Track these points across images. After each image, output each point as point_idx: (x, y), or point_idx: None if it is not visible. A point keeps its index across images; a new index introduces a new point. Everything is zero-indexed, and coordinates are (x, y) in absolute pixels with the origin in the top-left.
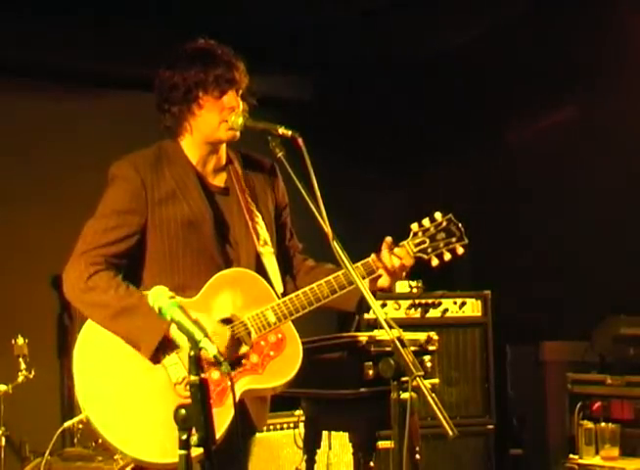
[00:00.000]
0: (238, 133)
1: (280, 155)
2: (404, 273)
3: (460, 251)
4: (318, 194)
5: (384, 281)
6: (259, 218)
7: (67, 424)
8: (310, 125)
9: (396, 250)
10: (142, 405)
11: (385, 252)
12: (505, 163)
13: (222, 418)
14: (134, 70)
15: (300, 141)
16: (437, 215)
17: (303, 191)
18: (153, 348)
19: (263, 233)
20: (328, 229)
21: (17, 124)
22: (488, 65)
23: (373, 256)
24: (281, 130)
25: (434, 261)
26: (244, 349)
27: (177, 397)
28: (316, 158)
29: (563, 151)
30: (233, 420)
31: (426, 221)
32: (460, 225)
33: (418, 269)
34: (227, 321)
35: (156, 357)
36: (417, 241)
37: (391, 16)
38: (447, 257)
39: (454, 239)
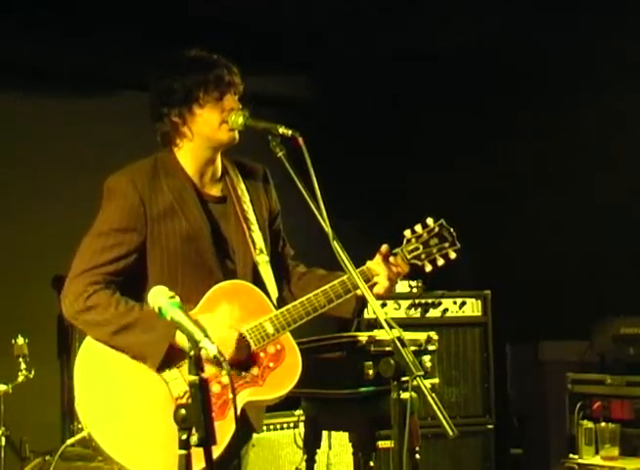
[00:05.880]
0: (237, 135)
1: (280, 154)
2: (398, 280)
3: (452, 255)
4: (318, 194)
5: (378, 289)
6: (255, 226)
7: (69, 442)
8: (310, 125)
9: (391, 259)
10: (144, 421)
11: (379, 260)
12: (505, 163)
13: (224, 431)
14: (134, 70)
15: (301, 141)
16: (429, 221)
17: (304, 191)
18: (159, 359)
19: (259, 241)
20: (328, 229)
21: (17, 124)
22: (490, 64)
23: (368, 264)
24: (281, 130)
25: (428, 267)
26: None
27: None
28: (316, 157)
29: (562, 150)
30: (235, 432)
31: (418, 227)
32: (452, 230)
33: (416, 270)
34: None
35: (162, 369)
36: (410, 248)
37: (392, 16)
38: (440, 262)
39: (447, 244)
